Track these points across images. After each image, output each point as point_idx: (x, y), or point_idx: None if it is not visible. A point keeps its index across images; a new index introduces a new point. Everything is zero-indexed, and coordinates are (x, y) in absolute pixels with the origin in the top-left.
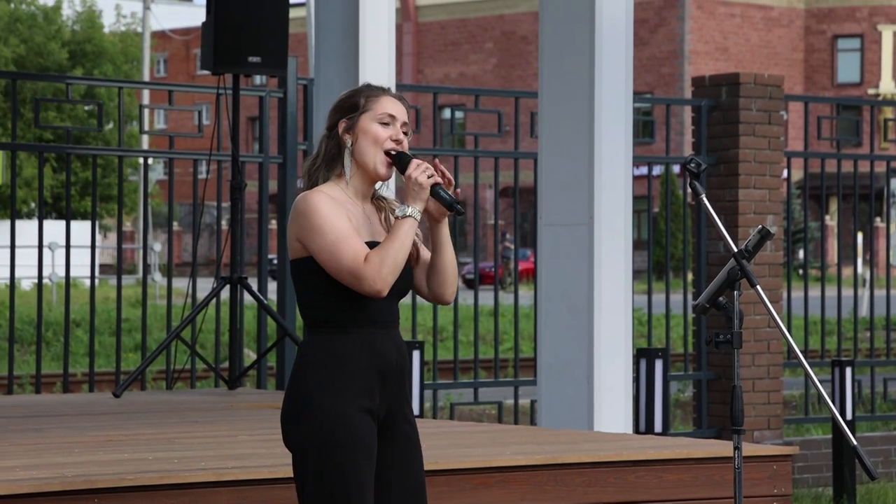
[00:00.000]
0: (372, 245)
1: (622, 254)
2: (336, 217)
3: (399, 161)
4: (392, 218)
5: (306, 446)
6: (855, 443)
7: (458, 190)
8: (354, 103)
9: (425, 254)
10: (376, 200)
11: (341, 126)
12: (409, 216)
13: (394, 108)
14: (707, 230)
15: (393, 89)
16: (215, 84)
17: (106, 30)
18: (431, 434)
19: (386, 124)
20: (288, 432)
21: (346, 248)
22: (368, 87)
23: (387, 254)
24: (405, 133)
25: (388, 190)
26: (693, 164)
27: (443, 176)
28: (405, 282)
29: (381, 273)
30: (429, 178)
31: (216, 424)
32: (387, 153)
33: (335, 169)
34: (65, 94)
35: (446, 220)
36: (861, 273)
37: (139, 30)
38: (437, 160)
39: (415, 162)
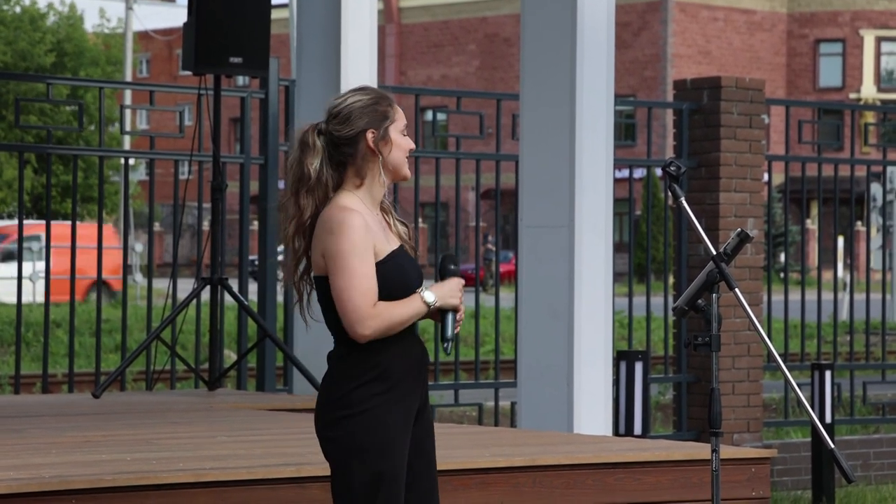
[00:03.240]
0: (400, 255)
1: (602, 256)
2: (363, 251)
3: (443, 263)
4: (394, 225)
5: (349, 449)
6: (832, 446)
7: (459, 327)
8: (384, 113)
9: None
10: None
11: (370, 136)
12: (427, 303)
13: (404, 117)
14: (688, 233)
15: (371, 83)
16: (197, 85)
17: (89, 31)
18: None
19: (405, 135)
20: (334, 440)
21: (358, 283)
22: (383, 95)
23: (392, 315)
24: None
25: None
26: (673, 167)
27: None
28: (421, 285)
29: (377, 329)
30: (457, 302)
31: (195, 425)
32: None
33: (355, 178)
34: (46, 95)
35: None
36: (841, 277)
37: (120, 31)
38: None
39: (458, 281)
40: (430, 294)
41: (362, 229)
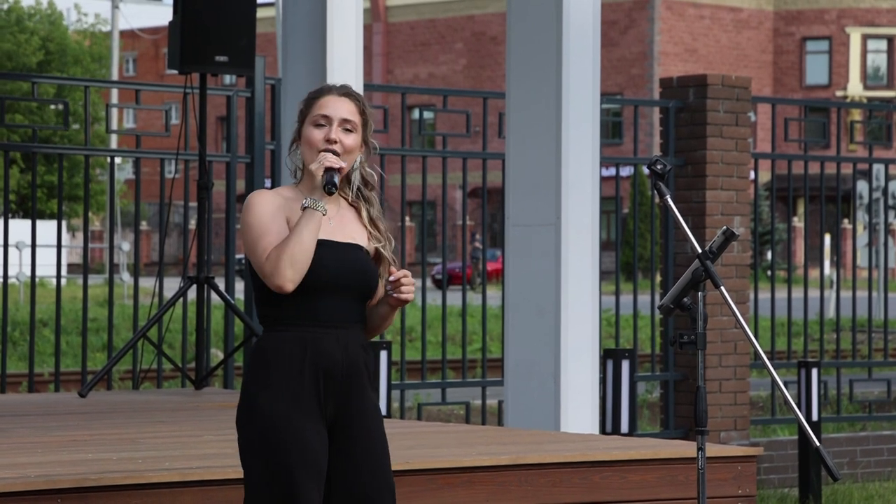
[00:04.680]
0: (324, 245)
1: (589, 254)
2: (266, 215)
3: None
4: (368, 216)
5: (243, 446)
6: (818, 444)
7: (341, 170)
8: (301, 109)
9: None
10: (357, 201)
11: (294, 135)
12: (308, 207)
13: (332, 106)
14: (675, 231)
15: (358, 87)
16: (183, 83)
17: (70, 29)
18: (398, 434)
19: (321, 125)
20: (237, 430)
21: (260, 245)
22: (318, 89)
23: (283, 249)
24: (349, 129)
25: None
26: (659, 165)
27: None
28: (366, 282)
29: (279, 268)
30: (319, 166)
31: (182, 424)
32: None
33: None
34: (31, 94)
35: (394, 311)
36: (828, 274)
37: (104, 29)
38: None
39: (319, 155)
40: (306, 199)
41: (262, 201)
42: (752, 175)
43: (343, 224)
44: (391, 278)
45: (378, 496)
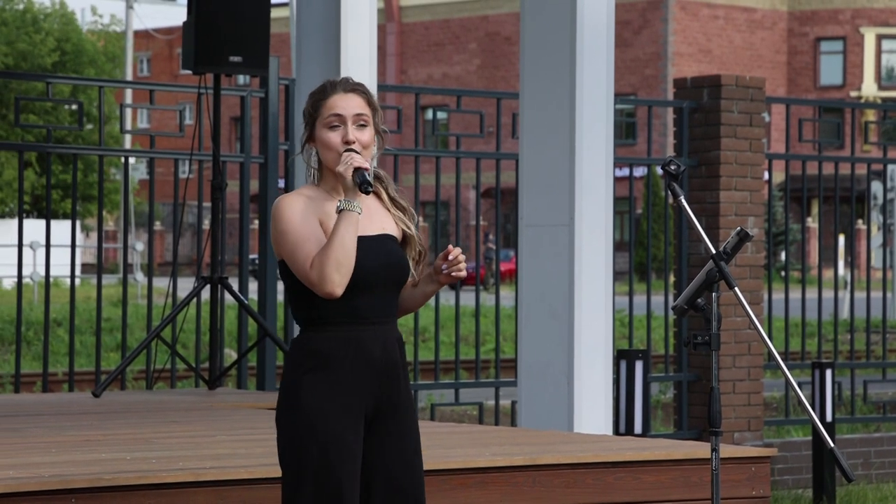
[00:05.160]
0: (364, 240)
1: (602, 255)
2: (299, 221)
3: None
4: (388, 195)
5: (283, 444)
6: (832, 445)
7: (370, 168)
8: (308, 111)
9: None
10: (375, 183)
11: (304, 137)
12: (344, 209)
13: (342, 105)
14: (688, 232)
15: (372, 87)
16: (197, 84)
17: (84, 29)
18: None
19: (335, 126)
20: (277, 430)
21: (301, 253)
22: (321, 87)
23: (327, 255)
24: (363, 124)
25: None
26: (673, 166)
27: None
28: (400, 274)
29: (326, 275)
30: (347, 167)
31: (195, 424)
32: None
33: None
34: (46, 95)
35: (441, 287)
36: (842, 275)
37: (118, 30)
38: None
39: (343, 156)
40: (340, 201)
41: (293, 205)
42: (766, 176)
43: (370, 214)
44: (450, 256)
45: (412, 488)
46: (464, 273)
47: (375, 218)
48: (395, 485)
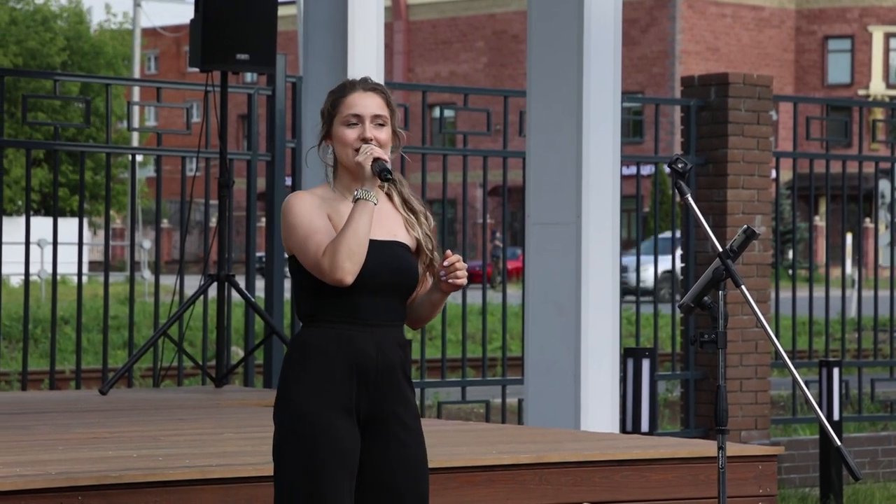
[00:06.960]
0: (372, 243)
1: (609, 253)
2: (309, 215)
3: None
4: (401, 197)
5: (276, 439)
6: (839, 443)
7: (388, 160)
8: (327, 109)
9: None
10: (388, 185)
11: (322, 134)
12: (360, 198)
13: (361, 104)
14: (695, 230)
15: (377, 80)
16: (204, 81)
17: (94, 27)
18: None
19: (353, 125)
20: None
21: (312, 243)
22: (340, 86)
23: (340, 243)
24: (381, 124)
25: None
26: (680, 164)
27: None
28: (406, 281)
29: (337, 261)
30: (366, 157)
31: (202, 422)
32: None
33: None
34: (54, 92)
35: (446, 297)
36: (849, 274)
37: (128, 27)
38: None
39: (362, 147)
40: (355, 193)
41: (303, 201)
42: (774, 174)
43: (381, 218)
44: (445, 262)
45: (408, 492)
46: (463, 281)
47: (386, 223)
48: (392, 488)
